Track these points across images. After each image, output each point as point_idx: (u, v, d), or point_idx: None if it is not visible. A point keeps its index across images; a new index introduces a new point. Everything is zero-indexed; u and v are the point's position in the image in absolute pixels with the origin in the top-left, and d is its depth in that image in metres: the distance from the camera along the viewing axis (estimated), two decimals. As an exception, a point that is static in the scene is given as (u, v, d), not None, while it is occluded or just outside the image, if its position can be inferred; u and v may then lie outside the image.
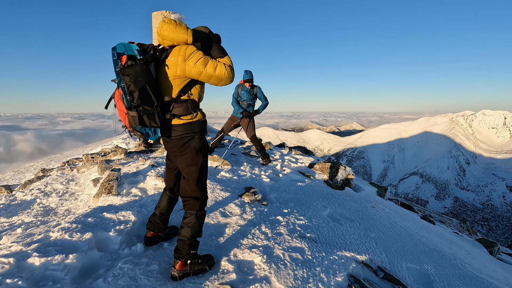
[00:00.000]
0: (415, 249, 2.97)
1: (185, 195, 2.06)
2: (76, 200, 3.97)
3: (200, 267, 2.04)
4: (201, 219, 2.04)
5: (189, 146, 1.98)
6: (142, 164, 4.62)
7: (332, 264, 2.15)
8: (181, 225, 2.02)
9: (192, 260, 2.01)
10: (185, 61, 1.84)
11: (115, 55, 1.76)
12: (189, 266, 1.99)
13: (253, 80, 5.29)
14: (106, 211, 2.75)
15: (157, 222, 2.33)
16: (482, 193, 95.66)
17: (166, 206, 2.34)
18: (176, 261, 1.97)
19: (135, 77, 1.71)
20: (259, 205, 3.31)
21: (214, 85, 1.97)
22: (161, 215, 2.34)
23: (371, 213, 3.71)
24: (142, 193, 3.54)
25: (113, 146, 7.93)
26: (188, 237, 1.98)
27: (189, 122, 1.95)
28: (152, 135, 1.90)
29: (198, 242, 2.05)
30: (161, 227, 2.36)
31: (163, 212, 2.34)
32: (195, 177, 2.04)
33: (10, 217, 3.51)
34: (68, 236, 2.19)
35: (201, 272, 2.04)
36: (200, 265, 2.04)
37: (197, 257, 2.05)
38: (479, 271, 3.01)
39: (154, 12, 6.63)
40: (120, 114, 1.90)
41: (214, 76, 1.88)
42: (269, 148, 7.08)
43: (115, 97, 1.91)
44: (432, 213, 11.56)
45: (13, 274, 1.73)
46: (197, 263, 2.03)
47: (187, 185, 2.05)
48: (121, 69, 1.70)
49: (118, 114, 1.92)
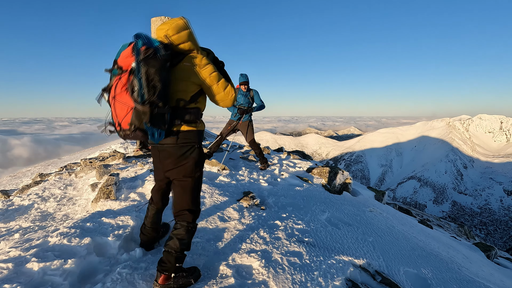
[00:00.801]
0: (413, 253, 2.99)
1: (179, 208, 1.95)
2: (74, 205, 3.96)
3: (185, 281, 1.90)
4: (191, 232, 1.94)
5: (189, 157, 1.88)
6: (141, 168, 4.63)
7: (330, 268, 2.17)
8: (170, 236, 1.91)
9: (176, 274, 1.87)
10: (200, 69, 1.82)
11: (140, 43, 1.61)
12: (173, 280, 1.86)
13: (248, 83, 5.32)
14: (104, 216, 2.75)
15: (149, 233, 2.30)
16: (480, 197, 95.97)
17: (154, 217, 2.27)
18: (160, 274, 1.84)
19: (160, 70, 1.61)
20: (257, 209, 3.32)
21: (215, 101, 1.96)
22: (151, 225, 2.28)
23: (368, 217, 3.73)
24: (141, 198, 3.54)
25: (111, 150, 7.92)
26: (176, 249, 1.86)
27: (193, 130, 1.88)
28: (157, 136, 1.73)
29: (185, 255, 1.94)
30: (155, 236, 2.33)
31: (153, 224, 2.28)
32: (191, 189, 1.94)
33: (8, 222, 3.50)
34: (66, 241, 2.19)
35: (185, 286, 1.90)
36: (184, 278, 1.91)
37: (182, 270, 1.92)
38: (476, 275, 3.03)
39: (153, 18, 6.69)
40: (120, 108, 1.65)
41: (221, 94, 1.89)
42: (268, 152, 7.10)
43: (115, 89, 1.66)
44: (430, 217, 11.59)
45: (11, 279, 1.73)
46: (181, 276, 1.89)
47: (181, 197, 1.94)
48: (144, 58, 1.57)
49: (115, 109, 1.68)
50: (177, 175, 1.92)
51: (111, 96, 1.69)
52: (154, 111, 1.63)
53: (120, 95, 1.64)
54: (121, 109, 1.65)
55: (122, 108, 1.65)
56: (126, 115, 1.64)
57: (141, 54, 1.58)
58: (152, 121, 1.65)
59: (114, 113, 1.70)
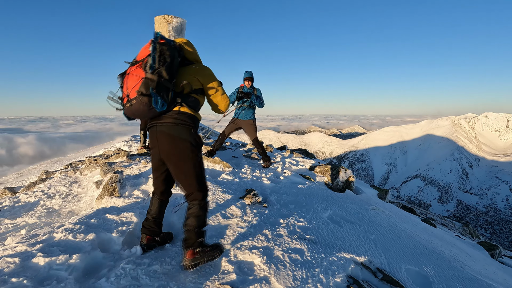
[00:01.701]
0: (415, 251, 2.98)
1: (189, 193, 2.10)
2: (79, 202, 4.02)
3: (210, 254, 2.12)
4: (204, 208, 2.12)
5: (185, 140, 2.02)
6: (144, 166, 4.67)
7: (331, 265, 2.18)
8: (186, 216, 2.09)
9: (202, 248, 2.09)
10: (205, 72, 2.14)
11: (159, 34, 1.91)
12: (199, 254, 2.06)
13: (253, 79, 5.31)
14: (108, 212, 2.80)
15: (152, 226, 2.31)
16: (486, 196, 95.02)
17: (157, 210, 2.32)
18: (186, 250, 2.05)
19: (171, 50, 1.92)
20: (259, 207, 3.34)
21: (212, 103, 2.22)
22: (154, 219, 2.32)
23: (371, 215, 3.73)
24: (144, 195, 3.58)
25: (115, 148, 7.99)
26: (195, 226, 2.06)
27: (191, 114, 2.06)
28: (160, 105, 1.88)
29: (204, 231, 2.14)
30: (156, 231, 2.34)
31: (156, 216, 2.32)
32: (194, 172, 2.07)
33: (14, 219, 3.56)
34: (71, 237, 2.24)
35: (211, 259, 2.13)
36: (209, 252, 2.12)
37: (206, 246, 2.14)
38: (478, 273, 3.02)
39: (157, 16, 6.72)
40: (132, 80, 1.88)
41: (219, 97, 2.18)
42: (270, 150, 7.11)
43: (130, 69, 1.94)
44: (435, 216, 11.53)
45: (18, 274, 1.77)
46: (206, 250, 2.11)
47: (187, 182, 2.07)
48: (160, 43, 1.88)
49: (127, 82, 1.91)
50: (175, 159, 2.04)
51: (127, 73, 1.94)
52: (161, 80, 1.85)
53: (135, 71, 1.90)
54: (132, 80, 1.89)
55: (134, 79, 1.88)
56: (136, 85, 1.86)
57: (158, 39, 1.89)
58: (157, 89, 1.85)
59: (126, 86, 1.92)
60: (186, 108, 2.04)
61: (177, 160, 2.04)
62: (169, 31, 6.56)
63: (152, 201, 2.33)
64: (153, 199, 2.32)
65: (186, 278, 1.99)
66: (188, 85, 2.05)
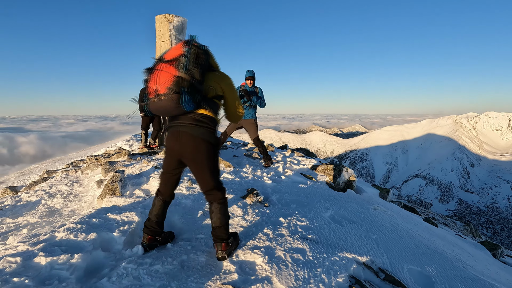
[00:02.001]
0: (417, 251, 2.97)
1: (208, 188, 2.19)
2: (81, 201, 4.02)
3: (236, 241, 2.36)
4: (226, 205, 2.28)
5: (205, 140, 2.09)
6: (146, 165, 4.67)
7: (333, 265, 2.17)
8: (213, 216, 2.22)
9: (230, 238, 2.28)
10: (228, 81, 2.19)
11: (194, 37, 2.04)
12: (230, 243, 2.26)
13: (255, 78, 5.30)
14: (110, 212, 2.79)
15: (153, 227, 2.31)
16: (487, 195, 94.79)
17: (160, 211, 2.32)
18: (220, 244, 2.19)
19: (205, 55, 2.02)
20: (261, 206, 3.33)
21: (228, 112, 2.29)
22: (156, 220, 2.32)
23: (372, 215, 3.72)
24: (146, 195, 3.58)
25: (116, 148, 8.00)
26: (222, 222, 2.22)
27: (212, 117, 2.14)
28: (187, 104, 1.95)
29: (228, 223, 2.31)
30: (158, 231, 2.34)
31: (158, 217, 2.33)
32: (214, 171, 2.19)
33: (16, 218, 3.57)
34: (73, 236, 2.23)
35: (237, 245, 2.37)
36: (235, 239, 2.35)
37: (232, 235, 2.37)
38: (481, 273, 3.01)
39: (158, 15, 6.71)
40: (163, 76, 1.92)
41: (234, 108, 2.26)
42: (272, 150, 7.10)
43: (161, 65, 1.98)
44: (436, 216, 11.50)
45: (20, 273, 1.77)
46: (232, 240, 2.31)
47: (207, 180, 2.17)
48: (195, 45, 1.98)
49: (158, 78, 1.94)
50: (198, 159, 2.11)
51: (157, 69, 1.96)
52: (193, 81, 1.94)
53: (167, 68, 1.94)
54: (164, 76, 1.92)
55: (165, 76, 1.92)
56: (167, 81, 1.91)
57: (194, 42, 2.00)
58: (189, 89, 1.93)
59: (156, 81, 1.94)
60: (210, 111, 2.10)
61: (200, 160, 2.11)
62: (170, 30, 6.55)
63: (155, 202, 2.33)
64: (156, 200, 2.33)
65: (188, 278, 1.98)
66: (213, 90, 2.11)
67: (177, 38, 6.66)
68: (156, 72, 1.95)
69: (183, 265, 2.13)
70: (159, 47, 6.79)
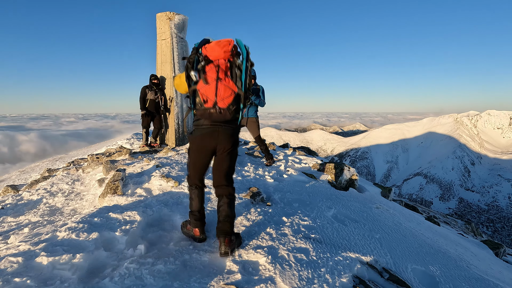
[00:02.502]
0: (420, 250, 2.95)
1: (223, 183, 2.39)
2: (82, 200, 4.00)
3: (239, 240, 2.38)
4: (234, 200, 2.45)
5: (236, 139, 2.37)
6: (147, 164, 4.65)
7: (337, 265, 2.15)
8: (222, 210, 2.35)
9: (233, 235, 2.32)
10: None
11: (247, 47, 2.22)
12: (234, 240, 2.29)
13: (256, 77, 5.27)
14: (111, 211, 2.77)
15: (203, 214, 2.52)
16: (488, 194, 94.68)
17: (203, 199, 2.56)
18: (224, 239, 2.23)
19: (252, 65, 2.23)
20: (263, 205, 3.31)
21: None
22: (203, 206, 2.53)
23: (375, 214, 3.70)
24: (147, 194, 3.56)
25: (117, 146, 7.98)
26: (230, 216, 2.34)
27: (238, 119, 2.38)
28: (241, 116, 2.33)
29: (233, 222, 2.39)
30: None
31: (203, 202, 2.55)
32: (233, 167, 2.44)
33: (17, 217, 3.56)
34: (75, 236, 2.22)
35: (239, 243, 2.37)
36: (238, 238, 2.38)
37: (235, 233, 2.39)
38: (485, 273, 2.99)
39: (159, 13, 6.67)
40: (224, 90, 2.16)
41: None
42: (273, 148, 7.08)
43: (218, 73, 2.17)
44: (437, 214, 11.47)
45: (21, 273, 1.76)
46: (236, 237, 2.35)
47: (225, 173, 2.39)
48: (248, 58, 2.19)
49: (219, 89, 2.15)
50: (230, 156, 2.37)
51: (212, 77, 2.16)
52: (247, 95, 2.25)
53: (225, 80, 2.17)
54: (225, 91, 2.17)
55: (227, 91, 2.17)
56: (228, 97, 2.17)
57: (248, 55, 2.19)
58: (244, 102, 2.25)
59: (218, 91, 2.16)
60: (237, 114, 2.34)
61: (230, 156, 2.37)
62: (171, 28, 6.51)
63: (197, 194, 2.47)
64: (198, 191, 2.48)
65: (190, 278, 1.97)
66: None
67: (178, 36, 6.63)
68: (219, 84, 2.16)
69: (186, 265, 2.12)
70: (160, 45, 6.76)
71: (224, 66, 2.17)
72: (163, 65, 6.78)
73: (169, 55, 6.57)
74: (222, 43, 2.16)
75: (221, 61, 2.18)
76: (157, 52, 6.86)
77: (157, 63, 6.92)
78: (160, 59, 6.83)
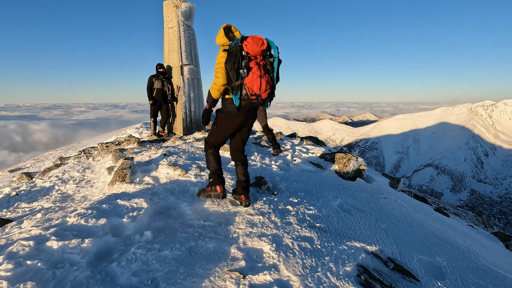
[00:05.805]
0: (427, 241, 2.92)
1: (242, 150, 3.01)
2: (92, 187, 4.10)
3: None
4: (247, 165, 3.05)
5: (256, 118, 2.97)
6: (155, 153, 4.70)
7: (341, 254, 2.15)
8: (240, 172, 2.95)
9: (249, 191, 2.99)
10: None
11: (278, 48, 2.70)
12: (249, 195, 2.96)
13: None
14: (120, 198, 2.83)
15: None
16: (501, 185, 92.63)
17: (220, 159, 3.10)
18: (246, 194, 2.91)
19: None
20: (269, 194, 3.32)
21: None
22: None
23: (382, 204, 3.66)
24: (155, 181, 3.61)
25: (126, 135, 8.08)
26: (247, 176, 2.97)
27: None
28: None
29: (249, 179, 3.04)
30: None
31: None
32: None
33: (31, 203, 3.67)
34: (84, 222, 2.28)
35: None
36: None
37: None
38: (493, 265, 2.94)
39: (165, 1, 6.59)
40: (265, 85, 2.64)
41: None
42: (280, 138, 7.04)
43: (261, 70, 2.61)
44: (447, 206, 11.31)
45: (33, 256, 1.82)
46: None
47: (244, 145, 3.01)
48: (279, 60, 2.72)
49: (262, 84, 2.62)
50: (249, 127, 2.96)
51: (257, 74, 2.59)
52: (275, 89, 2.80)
53: (265, 76, 2.64)
54: (265, 85, 2.65)
55: (267, 85, 2.67)
56: (267, 91, 2.70)
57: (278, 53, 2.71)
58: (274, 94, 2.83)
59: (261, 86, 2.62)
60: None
61: (249, 131, 2.98)
62: (178, 16, 6.44)
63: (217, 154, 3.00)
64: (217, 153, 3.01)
65: (195, 264, 2.00)
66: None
67: (185, 24, 6.56)
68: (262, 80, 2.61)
69: (191, 251, 2.15)
70: (167, 33, 6.71)
71: (263, 63, 2.62)
72: (171, 53, 6.75)
73: (176, 43, 6.52)
74: (257, 41, 2.56)
75: (259, 58, 2.61)
76: (164, 40, 6.82)
77: (164, 51, 6.89)
78: (167, 48, 6.79)
